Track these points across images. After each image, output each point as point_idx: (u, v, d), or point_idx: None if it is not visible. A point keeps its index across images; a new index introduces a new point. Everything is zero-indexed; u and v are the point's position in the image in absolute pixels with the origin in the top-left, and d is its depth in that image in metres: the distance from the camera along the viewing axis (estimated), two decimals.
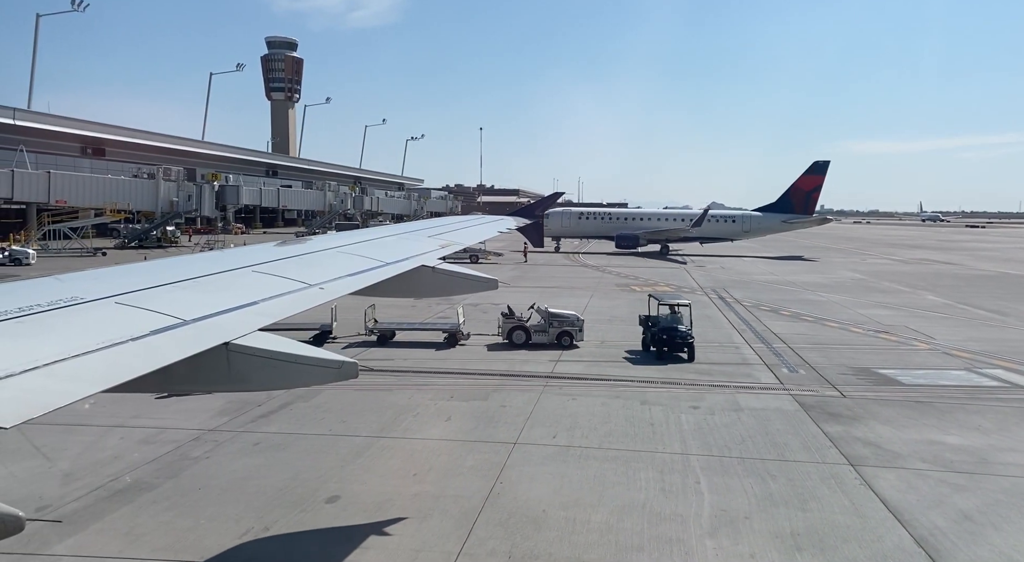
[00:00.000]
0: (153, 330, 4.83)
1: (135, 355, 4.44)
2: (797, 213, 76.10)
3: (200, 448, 14.40)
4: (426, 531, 10.88)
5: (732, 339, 27.31)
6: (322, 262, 8.33)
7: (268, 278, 6.90)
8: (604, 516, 11.39)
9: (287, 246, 8.94)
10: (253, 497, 12.02)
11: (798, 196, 75.98)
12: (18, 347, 4.05)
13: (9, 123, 73.08)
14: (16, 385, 3.64)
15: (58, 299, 4.99)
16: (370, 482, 12.82)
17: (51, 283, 5.65)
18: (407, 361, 22.82)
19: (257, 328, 5.46)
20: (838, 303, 38.08)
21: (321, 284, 7.00)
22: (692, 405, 17.93)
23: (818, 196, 76.92)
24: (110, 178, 77.61)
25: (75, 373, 3.97)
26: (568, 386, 19.84)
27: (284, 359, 5.27)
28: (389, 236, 11.66)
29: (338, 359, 5.51)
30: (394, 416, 16.84)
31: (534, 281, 48.65)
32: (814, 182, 76.18)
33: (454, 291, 10.56)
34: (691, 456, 14.20)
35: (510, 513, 11.51)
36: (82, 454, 13.91)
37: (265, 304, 6.05)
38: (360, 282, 7.72)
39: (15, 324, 4.41)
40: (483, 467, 13.56)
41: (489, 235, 18.47)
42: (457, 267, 10.45)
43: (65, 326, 4.62)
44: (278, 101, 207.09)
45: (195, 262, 7.52)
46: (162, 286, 5.95)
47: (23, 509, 10.34)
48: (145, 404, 16.96)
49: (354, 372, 5.54)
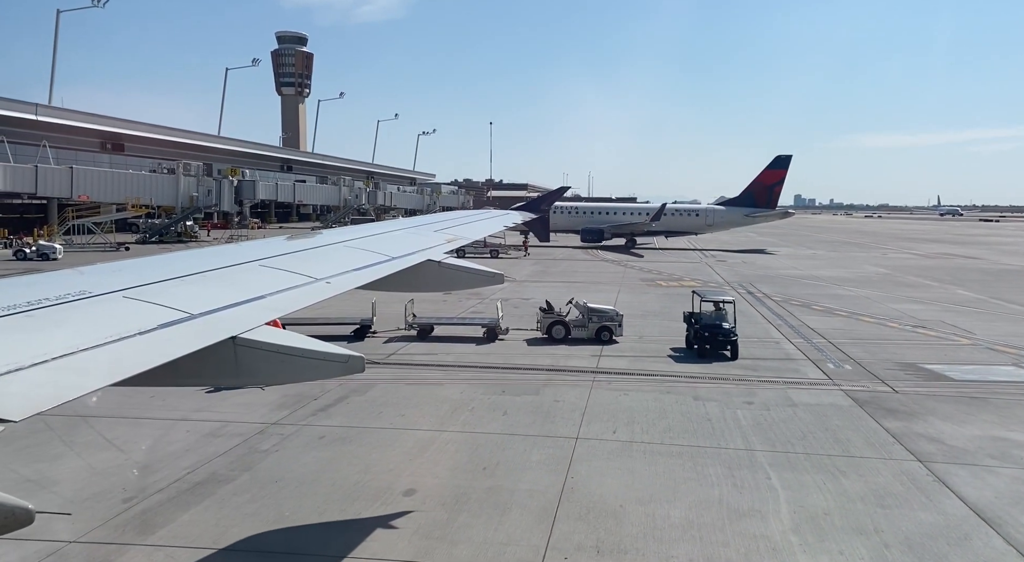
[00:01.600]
0: (161, 324, 4.83)
1: (143, 349, 4.44)
2: (760, 207, 76.99)
3: (267, 441, 14.54)
4: (508, 525, 10.95)
5: (770, 334, 27.25)
6: (329, 256, 8.37)
7: (275, 272, 6.90)
8: (682, 511, 11.43)
9: (294, 241, 9.02)
10: (331, 490, 12.14)
11: (760, 190, 76.89)
12: (27, 341, 4.06)
13: (31, 119, 73.54)
14: (25, 379, 3.65)
15: (66, 293, 4.99)
16: (442, 476, 12.92)
17: (59, 277, 5.67)
18: (450, 356, 22.91)
19: (264, 322, 5.44)
20: (868, 298, 37.90)
21: (328, 278, 7.00)
22: (746, 401, 17.93)
23: (780, 190, 77.87)
24: (131, 173, 78.05)
25: (83, 367, 3.99)
26: (616, 381, 19.87)
27: (291, 353, 5.28)
28: (395, 230, 11.70)
29: (345, 353, 5.55)
30: (451, 410, 16.93)
31: (557, 276, 48.63)
32: (776, 176, 76.91)
33: (460, 285, 10.59)
34: (756, 452, 14.22)
35: (587, 508, 11.57)
36: (154, 447, 14.07)
37: (272, 298, 6.05)
38: (366, 276, 7.74)
39: (24, 318, 4.42)
40: (550, 462, 13.63)
41: (495, 229, 18.48)
42: (463, 261, 10.51)
43: (73, 320, 4.62)
44: (288, 96, 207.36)
45: (202, 256, 7.54)
46: (170, 280, 5.94)
47: (109, 501, 10.55)
48: (203, 398, 17.14)
49: (360, 366, 5.57)
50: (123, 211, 68.03)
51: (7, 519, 3.27)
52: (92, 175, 71.67)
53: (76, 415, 15.58)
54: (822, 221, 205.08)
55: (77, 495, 11.67)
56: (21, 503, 3.30)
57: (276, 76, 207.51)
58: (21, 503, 3.30)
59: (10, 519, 3.27)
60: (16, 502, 3.30)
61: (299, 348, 5.32)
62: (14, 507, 3.28)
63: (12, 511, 3.27)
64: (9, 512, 3.27)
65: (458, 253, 55.99)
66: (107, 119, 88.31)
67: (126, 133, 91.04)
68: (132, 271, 6.17)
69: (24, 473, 12.53)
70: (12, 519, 3.27)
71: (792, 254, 70.42)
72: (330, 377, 5.75)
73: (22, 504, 3.30)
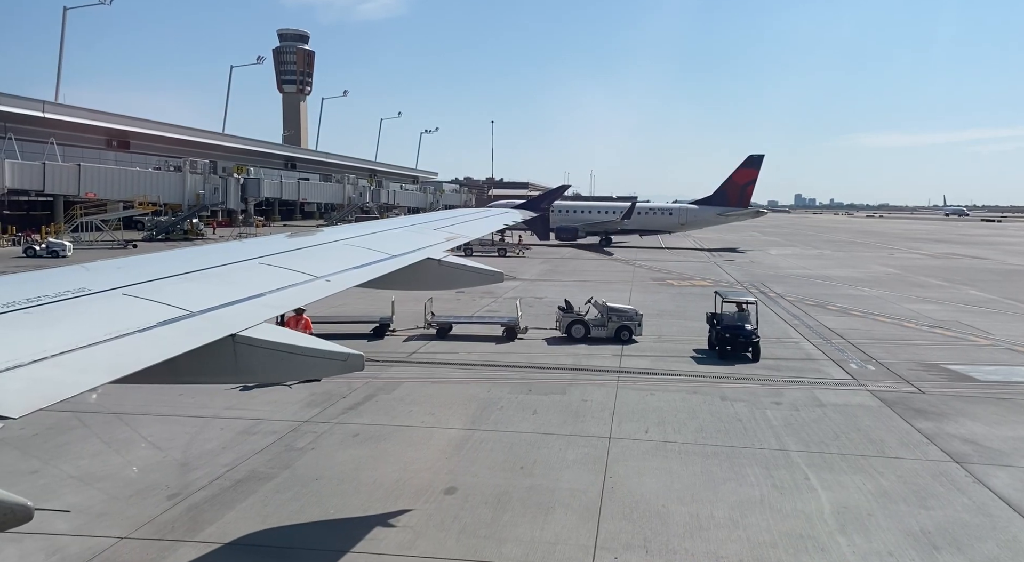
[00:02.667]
0: (160, 321, 4.82)
1: (142, 346, 4.43)
2: (732, 206, 77.58)
3: (302, 439, 14.55)
4: (554, 524, 10.96)
5: (788, 334, 27.26)
6: (329, 254, 8.35)
7: (275, 270, 6.89)
8: (726, 512, 11.44)
9: (294, 238, 9.03)
10: (372, 488, 12.16)
11: (733, 189, 77.49)
12: (26, 338, 4.06)
13: (38, 116, 73.45)
14: (24, 375, 3.65)
15: (66, 290, 4.99)
16: (480, 474, 12.92)
17: (58, 274, 5.66)
18: (472, 354, 22.91)
19: (264, 320, 5.44)
20: (881, 298, 37.92)
21: (327, 276, 7.00)
22: (773, 401, 17.94)
23: (752, 189, 78.44)
24: (138, 171, 78.01)
25: (82, 364, 3.98)
26: (641, 381, 19.88)
27: (291, 351, 5.27)
28: (395, 229, 11.70)
29: (344, 351, 5.55)
30: (480, 409, 16.94)
31: (567, 275, 48.64)
32: (749, 175, 77.53)
33: (460, 284, 10.57)
34: (791, 452, 14.23)
35: (631, 507, 11.58)
36: (190, 445, 14.08)
37: (272, 296, 6.04)
38: (366, 274, 7.72)
39: (23, 315, 4.41)
40: (586, 461, 13.64)
41: (495, 228, 18.43)
42: (463, 260, 10.50)
43: (73, 317, 4.62)
44: (290, 94, 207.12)
45: (201, 254, 7.53)
46: (169, 278, 5.93)
47: (154, 498, 10.56)
48: (233, 396, 17.15)
49: (360, 364, 5.58)
50: (130, 209, 67.96)
51: (6, 516, 3.27)
52: (99, 172, 71.62)
53: (109, 413, 15.59)
54: (824, 221, 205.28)
55: (121, 492, 11.67)
56: (20, 500, 3.30)
57: (277, 74, 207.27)
58: (20, 500, 3.30)
59: (9, 516, 3.27)
60: (15, 499, 3.30)
61: (299, 346, 5.33)
62: (13, 504, 3.28)
63: (11, 508, 3.28)
64: (8, 509, 3.28)
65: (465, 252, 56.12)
66: (113, 116, 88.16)
67: (132, 130, 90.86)
68: (131, 268, 6.16)
69: (66, 470, 12.54)
70: (11, 516, 3.28)
71: (799, 254, 70.45)
72: (330, 375, 5.76)
73: (21, 501, 3.30)
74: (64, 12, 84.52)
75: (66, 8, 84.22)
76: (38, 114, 73.58)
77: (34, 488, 11.74)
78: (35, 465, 12.69)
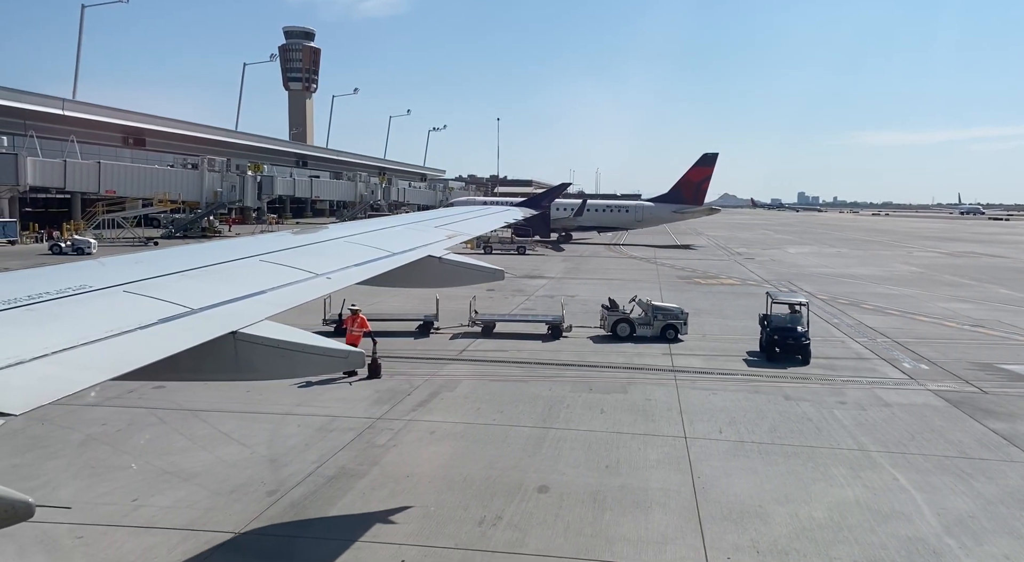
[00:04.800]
0: (161, 319, 4.83)
1: (143, 344, 4.45)
2: (688, 203, 78.56)
3: (380, 436, 14.55)
4: (656, 523, 10.95)
5: (831, 333, 27.20)
6: (330, 252, 8.36)
7: (276, 268, 6.92)
8: (824, 513, 11.41)
9: (295, 236, 9.06)
10: (465, 485, 12.16)
11: (688, 187, 78.56)
12: (28, 335, 4.08)
13: (58, 113, 73.53)
14: (26, 372, 3.68)
15: (67, 287, 5.00)
16: (568, 472, 12.91)
17: (60, 271, 5.67)
18: (522, 352, 22.90)
19: (265, 317, 5.45)
20: (912, 297, 37.83)
21: (328, 274, 7.04)
22: (838, 400, 17.90)
23: (707, 186, 79.68)
24: (157, 168, 78.00)
25: (83, 361, 4.01)
26: (699, 380, 19.85)
27: (291, 348, 5.29)
28: (395, 226, 11.75)
29: (345, 349, 5.59)
30: (547, 407, 16.92)
31: (590, 274, 48.61)
32: (703, 173, 78.69)
33: (461, 281, 10.63)
34: (872, 452, 14.19)
35: (728, 507, 11.56)
36: (272, 441, 14.10)
37: (272, 293, 6.07)
38: (367, 272, 7.76)
39: (25, 312, 4.43)
40: (669, 461, 13.62)
41: (496, 225, 18.38)
42: (463, 257, 10.53)
43: (74, 314, 4.63)
44: (296, 91, 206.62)
45: (203, 251, 7.55)
46: (170, 275, 5.95)
47: (254, 494, 10.58)
48: (297, 393, 17.18)
49: (361, 362, 5.63)
50: (150, 206, 68.05)
51: (7, 513, 3.31)
52: (119, 170, 71.64)
53: (183, 409, 15.63)
54: (831, 219, 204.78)
55: (221, 487, 11.70)
56: (22, 497, 3.34)
57: (283, 71, 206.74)
58: (22, 497, 3.34)
59: (10, 513, 3.31)
60: (16, 496, 3.34)
61: (299, 343, 5.35)
62: (14, 501, 3.32)
63: (12, 505, 3.32)
64: (10, 506, 3.32)
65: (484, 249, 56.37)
66: (130, 114, 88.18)
67: (147, 128, 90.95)
68: (132, 265, 6.18)
69: (159, 465, 12.58)
70: (12, 513, 3.32)
71: (817, 252, 70.33)
72: (331, 372, 5.84)
73: (22, 498, 3.34)
74: (82, 10, 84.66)
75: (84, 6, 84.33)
76: (58, 112, 73.65)
77: (136, 484, 11.75)
78: (129, 461, 12.72)
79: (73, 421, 14.80)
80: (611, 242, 77.50)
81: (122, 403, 16.07)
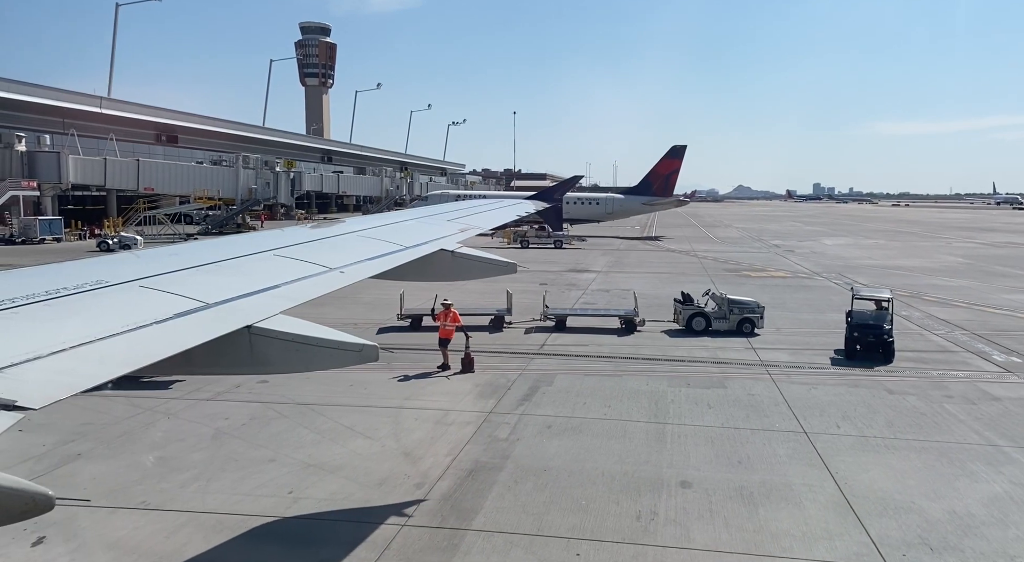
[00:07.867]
0: (176, 313, 4.85)
1: (159, 338, 4.47)
2: (657, 195, 79.11)
3: (500, 430, 14.53)
4: (815, 519, 10.82)
5: (907, 326, 26.78)
6: (343, 246, 8.39)
7: (290, 262, 6.93)
8: (982, 509, 11.20)
9: (309, 230, 9.08)
10: (607, 480, 12.09)
11: (657, 179, 79.06)
12: (46, 330, 4.10)
13: (96, 111, 74.35)
14: (44, 367, 3.69)
15: (84, 283, 5.02)
16: (702, 468, 12.81)
17: (78, 266, 5.70)
18: (603, 347, 22.79)
19: (279, 311, 5.46)
20: (969, 288, 37.29)
21: (341, 268, 7.05)
22: (943, 394, 17.64)
23: (676, 179, 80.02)
24: (193, 165, 78.72)
25: (100, 355, 4.03)
26: (793, 374, 19.63)
27: (306, 342, 5.29)
28: (408, 220, 11.74)
29: (359, 342, 5.54)
30: (652, 402, 16.82)
31: (635, 267, 48.38)
32: (671, 166, 79.12)
33: (473, 275, 10.61)
34: (1002, 448, 13.96)
35: (879, 503, 11.39)
36: (398, 435, 14.12)
37: (287, 287, 6.10)
38: (380, 266, 7.80)
39: (43, 307, 4.46)
40: (799, 456, 13.47)
41: (508, 219, 18.27)
42: (476, 251, 10.48)
43: (91, 309, 4.66)
44: (312, 86, 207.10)
45: (218, 246, 7.56)
46: (186, 270, 5.97)
47: (402, 487, 10.58)
48: (398, 386, 17.26)
49: (375, 355, 5.58)
50: (187, 203, 68.67)
51: (28, 505, 3.35)
52: (157, 167, 72.36)
53: (299, 404, 15.70)
54: (853, 210, 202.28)
55: (367, 480, 11.75)
56: (42, 490, 3.38)
57: (300, 66, 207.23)
58: (42, 490, 3.38)
59: (31, 505, 3.36)
60: (37, 488, 3.38)
61: (314, 337, 5.35)
62: (35, 493, 3.36)
63: (33, 498, 3.36)
64: (31, 499, 3.36)
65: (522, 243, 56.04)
66: (163, 111, 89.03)
67: (180, 125, 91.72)
68: (148, 260, 6.22)
69: (298, 458, 12.64)
70: (33, 505, 3.37)
71: (856, 244, 69.52)
72: (344, 366, 5.74)
73: (43, 491, 3.38)
74: (116, 8, 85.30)
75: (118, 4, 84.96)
76: (96, 110, 74.44)
77: (286, 477, 11.78)
78: (269, 454, 12.80)
79: (195, 415, 14.92)
80: (641, 236, 76.98)
81: (233, 397, 16.19)
